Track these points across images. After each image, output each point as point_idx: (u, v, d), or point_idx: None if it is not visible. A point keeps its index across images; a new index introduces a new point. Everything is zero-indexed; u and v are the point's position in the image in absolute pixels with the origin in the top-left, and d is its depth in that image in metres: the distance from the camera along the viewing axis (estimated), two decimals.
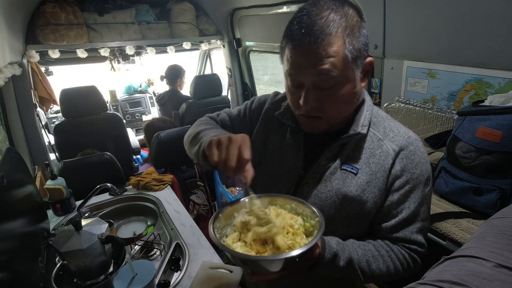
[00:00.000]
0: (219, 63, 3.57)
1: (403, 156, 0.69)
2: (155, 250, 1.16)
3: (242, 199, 0.69)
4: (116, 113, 2.83)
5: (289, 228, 0.62)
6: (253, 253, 0.59)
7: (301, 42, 0.59)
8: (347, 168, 0.70)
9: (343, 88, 0.63)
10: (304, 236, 0.63)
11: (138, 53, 2.81)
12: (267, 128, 0.83)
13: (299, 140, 0.77)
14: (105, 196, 1.54)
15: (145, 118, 3.69)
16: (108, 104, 3.07)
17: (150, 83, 4.01)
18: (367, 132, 0.71)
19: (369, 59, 0.66)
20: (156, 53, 2.73)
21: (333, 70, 0.59)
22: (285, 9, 2.05)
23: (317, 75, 0.61)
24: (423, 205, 0.71)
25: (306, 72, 0.62)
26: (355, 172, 0.70)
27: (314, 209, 0.64)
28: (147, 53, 2.71)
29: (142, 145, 2.81)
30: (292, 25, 0.61)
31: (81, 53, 2.27)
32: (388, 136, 0.71)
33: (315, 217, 0.63)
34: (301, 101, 0.65)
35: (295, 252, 0.54)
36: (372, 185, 0.69)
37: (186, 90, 3.06)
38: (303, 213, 0.67)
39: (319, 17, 0.59)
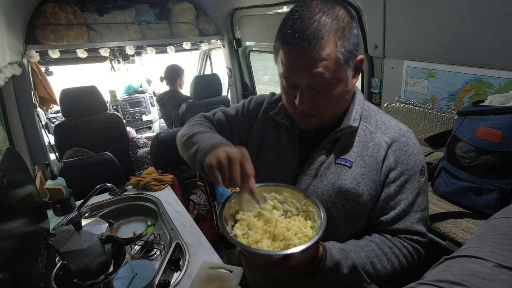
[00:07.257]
0: (219, 63, 3.56)
1: (395, 148, 0.70)
2: (155, 250, 1.16)
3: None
4: (116, 113, 2.83)
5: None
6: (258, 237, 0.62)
7: (294, 47, 0.61)
8: (341, 162, 0.72)
9: (336, 88, 0.65)
10: (308, 225, 0.66)
11: (138, 53, 2.81)
12: (264, 127, 0.85)
13: (294, 138, 0.79)
14: (105, 196, 1.54)
15: (145, 118, 3.69)
16: (108, 104, 3.07)
17: (149, 81, 4.02)
18: (359, 125, 0.73)
19: (359, 56, 0.67)
20: (156, 53, 2.73)
21: (326, 72, 0.62)
22: (285, 9, 2.05)
23: (311, 78, 0.63)
24: (420, 194, 0.72)
25: (301, 74, 0.64)
26: (349, 165, 0.71)
27: (317, 205, 0.66)
28: (147, 53, 2.71)
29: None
30: (285, 28, 0.63)
31: (81, 53, 2.27)
32: (380, 128, 0.73)
33: (317, 212, 0.66)
34: (296, 101, 0.67)
35: (296, 249, 0.57)
36: (367, 178, 0.70)
37: (186, 90, 3.06)
38: (306, 207, 0.69)
39: (311, 21, 0.60)
